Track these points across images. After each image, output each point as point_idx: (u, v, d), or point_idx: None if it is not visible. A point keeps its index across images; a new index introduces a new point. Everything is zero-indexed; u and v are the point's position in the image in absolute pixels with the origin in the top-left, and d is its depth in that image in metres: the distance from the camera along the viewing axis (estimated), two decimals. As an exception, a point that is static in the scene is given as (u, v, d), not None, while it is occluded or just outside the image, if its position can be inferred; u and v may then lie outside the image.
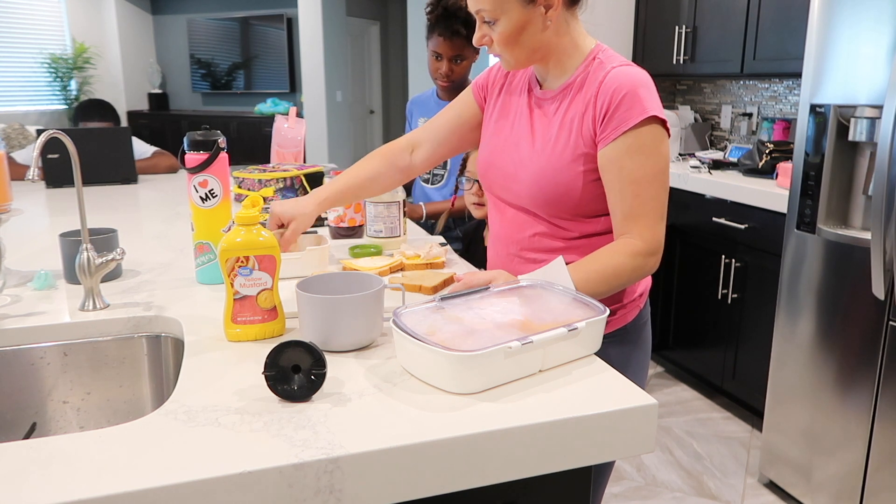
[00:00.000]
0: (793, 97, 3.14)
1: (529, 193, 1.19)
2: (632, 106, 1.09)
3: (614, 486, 2.33)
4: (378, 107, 8.60)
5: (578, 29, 1.19)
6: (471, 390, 0.82)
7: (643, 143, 1.10)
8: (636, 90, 1.09)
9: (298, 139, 2.73)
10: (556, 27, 1.15)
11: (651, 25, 3.53)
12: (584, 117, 1.13)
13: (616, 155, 1.11)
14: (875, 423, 1.90)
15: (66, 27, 6.51)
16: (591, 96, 1.13)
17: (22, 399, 1.07)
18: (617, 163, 1.11)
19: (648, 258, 1.12)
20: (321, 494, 0.68)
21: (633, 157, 1.10)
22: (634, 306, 1.27)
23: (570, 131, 1.15)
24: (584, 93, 1.14)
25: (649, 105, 1.09)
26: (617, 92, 1.10)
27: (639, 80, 1.11)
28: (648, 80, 1.13)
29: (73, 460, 0.68)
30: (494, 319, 0.92)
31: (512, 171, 1.22)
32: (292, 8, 6.63)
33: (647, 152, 1.10)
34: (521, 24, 1.12)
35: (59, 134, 1.12)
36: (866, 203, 1.98)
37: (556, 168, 1.15)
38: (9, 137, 4.55)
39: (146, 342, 1.11)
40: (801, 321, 2.12)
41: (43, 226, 1.85)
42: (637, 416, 0.79)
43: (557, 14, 1.13)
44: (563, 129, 1.16)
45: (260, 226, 0.98)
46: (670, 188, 2.99)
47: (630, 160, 1.10)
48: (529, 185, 1.18)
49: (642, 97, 1.09)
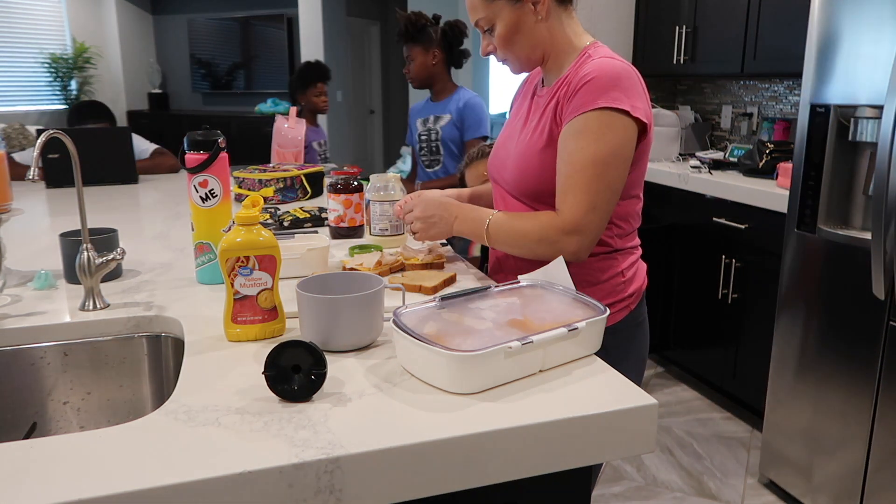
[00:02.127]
0: (793, 97, 3.14)
1: (513, 179, 1.25)
2: (589, 92, 1.11)
3: (614, 486, 2.33)
4: (378, 107, 8.60)
5: (574, 27, 1.23)
6: (471, 390, 0.82)
7: (589, 126, 1.12)
8: (599, 78, 1.11)
9: (298, 139, 2.74)
10: (549, 25, 1.19)
11: (651, 25, 3.52)
12: (559, 103, 1.17)
13: (565, 135, 1.15)
14: (875, 423, 1.89)
15: (66, 27, 6.51)
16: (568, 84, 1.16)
17: (22, 399, 1.07)
18: (563, 143, 1.15)
19: (563, 235, 1.13)
20: (321, 494, 0.68)
21: (577, 139, 1.13)
22: (624, 306, 1.27)
23: (547, 119, 1.19)
24: (566, 82, 1.18)
25: (610, 94, 1.10)
26: (584, 78, 1.13)
27: (610, 71, 1.12)
28: (624, 72, 1.14)
29: (73, 460, 0.68)
30: (494, 319, 0.92)
31: (505, 160, 1.29)
32: (292, 8, 6.63)
33: (592, 137, 1.12)
34: (515, 23, 1.17)
35: (59, 134, 1.12)
36: (866, 203, 1.98)
37: (531, 153, 1.21)
38: (9, 137, 4.55)
39: (146, 342, 1.11)
40: (801, 321, 2.12)
41: (43, 226, 1.85)
42: (637, 416, 0.79)
43: (546, 8, 1.17)
44: (543, 117, 1.20)
45: (260, 226, 0.98)
46: (670, 188, 3.01)
47: (573, 141, 1.13)
48: (512, 171, 1.25)
49: (604, 86, 1.11)
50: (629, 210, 1.25)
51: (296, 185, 2.19)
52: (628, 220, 1.25)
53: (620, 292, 1.26)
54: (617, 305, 1.25)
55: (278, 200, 2.15)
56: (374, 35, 8.25)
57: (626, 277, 1.27)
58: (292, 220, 1.77)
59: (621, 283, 1.26)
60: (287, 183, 2.17)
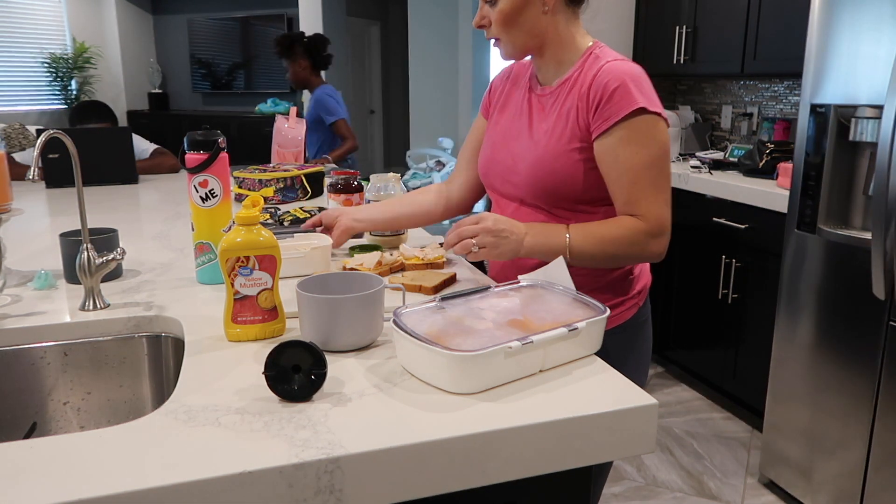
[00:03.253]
0: (793, 97, 3.14)
1: (528, 183, 1.22)
2: (622, 98, 1.11)
3: (614, 486, 2.33)
4: (378, 107, 8.60)
5: (578, 27, 1.23)
6: (471, 390, 0.82)
7: (635, 131, 1.12)
8: (626, 83, 1.12)
9: (299, 139, 2.73)
10: (554, 20, 1.19)
11: (651, 25, 3.52)
12: (579, 110, 1.16)
13: (611, 145, 1.13)
14: (875, 423, 1.89)
15: (66, 27, 6.51)
16: (585, 89, 1.16)
17: (22, 399, 1.07)
18: (612, 153, 1.13)
19: (650, 238, 1.14)
20: (321, 494, 0.68)
21: (627, 147, 1.12)
22: (633, 304, 1.27)
23: (567, 122, 1.18)
24: (579, 86, 1.17)
25: (639, 97, 1.11)
26: (609, 85, 1.12)
27: (630, 74, 1.13)
28: (641, 74, 1.15)
29: (73, 460, 0.68)
30: (494, 319, 0.92)
31: (511, 163, 1.25)
32: (292, 8, 6.62)
33: (641, 141, 1.12)
34: (520, 4, 1.16)
35: (59, 134, 1.12)
36: (866, 203, 1.98)
37: (553, 156, 1.18)
38: (9, 137, 4.54)
39: (146, 342, 1.11)
40: (801, 321, 2.12)
41: (43, 226, 1.85)
42: (637, 416, 0.79)
43: (554, 2, 1.17)
44: (559, 120, 1.19)
45: (260, 226, 0.98)
46: (671, 188, 3.00)
47: (624, 150, 1.12)
48: (528, 175, 1.21)
49: (632, 90, 1.12)
50: None
51: (296, 185, 2.19)
52: None
53: (629, 290, 1.26)
54: (626, 303, 1.25)
55: (278, 200, 2.15)
56: (374, 35, 8.25)
57: (634, 275, 1.28)
58: (292, 220, 1.77)
59: (630, 281, 1.27)
60: (287, 183, 2.17)
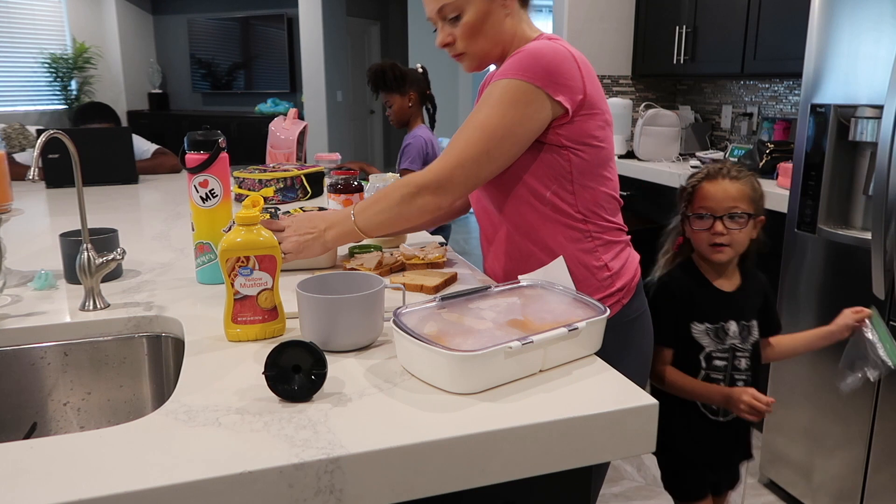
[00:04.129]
0: (793, 97, 3.14)
1: None
2: (509, 65, 1.12)
3: (614, 486, 2.33)
4: (378, 107, 8.59)
5: (531, 26, 1.25)
6: (471, 390, 0.82)
7: (492, 94, 1.13)
8: (523, 54, 1.12)
9: (291, 140, 2.73)
10: (513, 21, 1.20)
11: (651, 25, 3.52)
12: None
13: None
14: (875, 423, 1.89)
15: (66, 27, 6.52)
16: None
17: (22, 399, 1.07)
18: None
19: (425, 191, 1.13)
20: (321, 494, 0.68)
21: (478, 106, 1.14)
22: (614, 301, 1.21)
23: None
24: None
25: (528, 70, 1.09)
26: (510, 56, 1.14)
27: (538, 50, 1.11)
28: (557, 54, 1.11)
29: (73, 460, 0.68)
30: (495, 319, 0.92)
31: None
32: (292, 8, 6.63)
33: (490, 103, 1.12)
34: (485, 13, 1.16)
35: (59, 134, 1.12)
36: (866, 203, 1.98)
37: None
38: (9, 137, 4.55)
39: (146, 342, 1.11)
40: (801, 321, 2.11)
41: (43, 226, 1.85)
42: (637, 416, 0.79)
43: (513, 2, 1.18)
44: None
45: (260, 226, 0.98)
46: (671, 188, 3.00)
47: (475, 109, 1.14)
48: None
49: (524, 60, 1.11)
50: (597, 199, 1.20)
51: (296, 185, 2.19)
52: (599, 212, 1.20)
53: (608, 287, 1.21)
54: (606, 301, 1.19)
55: (278, 200, 2.15)
56: (374, 35, 8.25)
57: (613, 271, 1.21)
58: (292, 220, 1.77)
59: (607, 278, 1.21)
60: (287, 183, 2.17)
